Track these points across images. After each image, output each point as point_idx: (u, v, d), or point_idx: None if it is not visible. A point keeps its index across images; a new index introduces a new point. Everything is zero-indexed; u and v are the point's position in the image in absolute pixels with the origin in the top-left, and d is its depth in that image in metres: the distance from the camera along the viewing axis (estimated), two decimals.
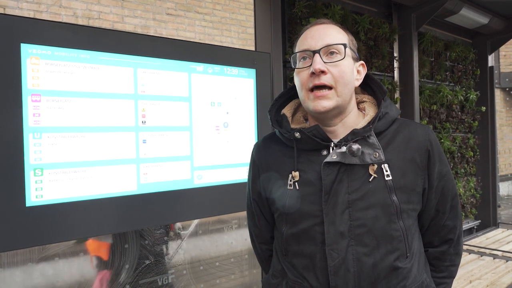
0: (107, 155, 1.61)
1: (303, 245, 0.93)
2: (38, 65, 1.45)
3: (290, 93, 1.06)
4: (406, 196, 0.91)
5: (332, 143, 0.92)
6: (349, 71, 0.91)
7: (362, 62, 0.98)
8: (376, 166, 0.89)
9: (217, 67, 1.94)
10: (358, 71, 0.96)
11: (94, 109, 1.58)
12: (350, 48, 0.93)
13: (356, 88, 1.01)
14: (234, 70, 2.00)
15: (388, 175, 0.89)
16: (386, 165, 0.90)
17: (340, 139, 0.92)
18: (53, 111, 1.48)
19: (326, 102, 0.88)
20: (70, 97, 1.52)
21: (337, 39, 0.91)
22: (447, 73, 3.95)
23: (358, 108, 1.00)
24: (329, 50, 0.89)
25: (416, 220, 0.98)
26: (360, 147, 0.87)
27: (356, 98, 1.01)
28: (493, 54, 4.32)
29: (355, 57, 0.95)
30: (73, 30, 1.54)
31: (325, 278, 0.89)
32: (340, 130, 0.94)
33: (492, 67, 4.24)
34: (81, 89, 1.55)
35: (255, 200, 1.08)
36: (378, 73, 3.23)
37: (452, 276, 1.04)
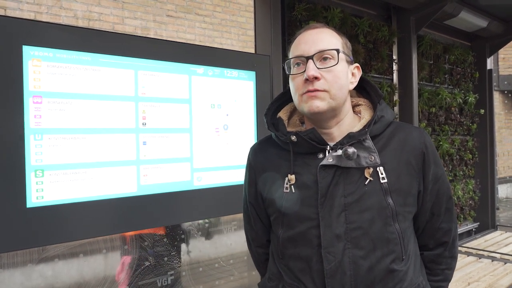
0: (108, 156, 1.61)
1: (299, 248, 0.93)
2: (40, 67, 1.46)
3: (286, 96, 1.06)
4: (402, 198, 0.91)
5: (328, 146, 0.92)
6: (343, 75, 0.92)
7: (357, 64, 0.98)
8: (371, 169, 0.90)
9: (217, 70, 1.95)
10: (353, 74, 0.97)
11: (95, 111, 1.59)
12: (344, 52, 0.93)
13: (351, 92, 1.02)
14: (234, 72, 2.01)
15: (383, 178, 0.90)
16: (381, 168, 0.90)
17: (336, 143, 0.92)
18: (54, 112, 1.49)
19: (319, 102, 0.88)
20: (71, 98, 1.53)
21: (330, 44, 0.91)
22: (446, 76, 3.97)
23: (354, 112, 1.00)
24: (322, 56, 0.90)
25: (412, 223, 0.98)
26: (355, 150, 0.88)
27: (352, 102, 1.01)
28: (492, 57, 4.34)
29: (349, 60, 0.95)
30: (75, 32, 1.55)
31: (322, 281, 0.89)
32: (336, 133, 0.95)
33: (490, 70, 4.26)
34: (82, 91, 1.56)
35: (251, 203, 1.08)
36: (377, 75, 3.24)
37: (448, 279, 1.04)
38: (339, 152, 0.89)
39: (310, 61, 0.89)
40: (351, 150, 0.87)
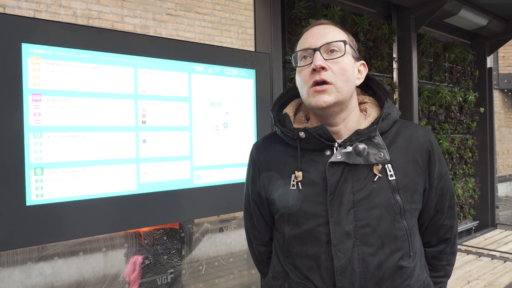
0: (107, 154, 1.61)
1: (307, 245, 0.92)
2: (39, 64, 1.46)
3: (291, 93, 1.06)
4: (409, 196, 0.92)
5: (336, 143, 0.92)
6: (350, 68, 0.92)
7: (363, 62, 0.99)
8: (380, 166, 0.90)
9: (217, 68, 1.95)
10: (359, 71, 0.97)
11: (94, 108, 1.58)
12: (350, 46, 0.94)
13: (356, 89, 1.02)
14: (234, 70, 2.01)
15: (391, 175, 0.90)
16: (389, 165, 0.91)
17: (344, 139, 0.92)
18: (54, 110, 1.49)
19: (326, 96, 0.88)
20: (70, 96, 1.53)
21: (337, 37, 0.92)
22: (446, 74, 3.97)
23: (359, 109, 1.00)
24: (329, 48, 0.90)
25: (417, 220, 0.99)
26: (366, 147, 0.88)
27: (357, 99, 1.01)
28: (491, 55, 4.33)
29: (355, 56, 0.96)
30: (74, 30, 1.55)
31: (331, 279, 0.89)
32: (343, 130, 0.95)
33: (490, 69, 4.25)
34: (82, 89, 1.55)
35: (254, 201, 1.07)
36: (377, 74, 3.24)
37: (448, 275, 1.05)
38: (348, 149, 0.89)
39: (317, 52, 0.89)
40: (361, 146, 0.87)
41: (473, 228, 4.16)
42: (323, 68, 0.88)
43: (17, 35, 1.41)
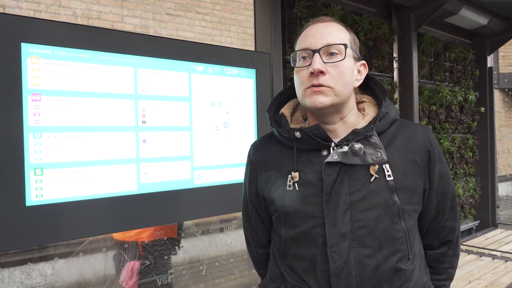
0: (107, 154, 1.60)
1: (303, 247, 0.91)
2: (39, 64, 1.45)
3: (289, 92, 1.04)
4: (408, 196, 0.89)
5: (333, 143, 0.91)
6: (349, 71, 0.90)
7: (363, 62, 0.96)
8: (377, 166, 0.88)
9: (217, 67, 1.94)
10: (359, 71, 0.95)
11: (94, 108, 1.58)
12: (351, 48, 0.91)
13: (355, 88, 1.00)
14: (234, 70, 2.00)
15: (389, 176, 0.88)
16: (387, 165, 0.89)
17: (341, 139, 0.91)
18: (53, 110, 1.48)
19: (323, 98, 0.87)
20: (70, 96, 1.52)
21: (338, 39, 0.89)
22: (446, 74, 3.96)
23: (358, 109, 0.98)
24: (329, 50, 0.88)
25: (416, 222, 0.97)
26: (362, 146, 0.86)
27: (356, 98, 0.99)
28: (492, 55, 4.32)
29: (356, 56, 0.93)
30: (74, 30, 1.54)
31: (327, 281, 0.87)
32: (340, 129, 0.93)
33: (491, 68, 4.24)
34: (82, 89, 1.55)
35: (252, 202, 1.06)
36: (378, 73, 3.24)
37: (450, 278, 1.03)
38: (345, 148, 0.87)
39: (317, 54, 0.87)
40: (357, 146, 0.85)
41: (474, 228, 4.16)
42: (321, 72, 0.86)
43: (17, 35, 1.41)
